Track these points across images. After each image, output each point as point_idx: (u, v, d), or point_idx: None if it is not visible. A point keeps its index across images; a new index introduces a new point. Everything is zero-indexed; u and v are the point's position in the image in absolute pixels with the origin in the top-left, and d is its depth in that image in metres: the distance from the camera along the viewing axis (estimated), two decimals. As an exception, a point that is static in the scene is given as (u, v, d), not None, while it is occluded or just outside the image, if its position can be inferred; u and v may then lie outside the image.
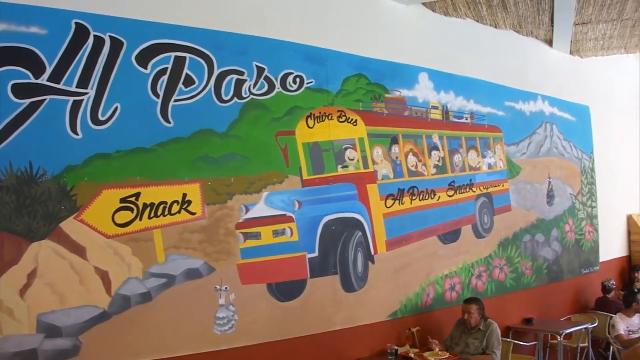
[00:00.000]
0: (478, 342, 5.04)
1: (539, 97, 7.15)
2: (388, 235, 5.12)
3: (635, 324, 6.16)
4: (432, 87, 5.69)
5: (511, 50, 6.93)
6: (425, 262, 5.46)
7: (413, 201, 5.36)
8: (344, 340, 4.73)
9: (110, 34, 3.57)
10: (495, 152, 6.37)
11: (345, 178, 4.86)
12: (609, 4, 6.20)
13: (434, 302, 5.54)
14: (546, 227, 7.08)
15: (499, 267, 6.30)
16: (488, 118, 6.33)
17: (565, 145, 7.53)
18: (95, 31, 3.51)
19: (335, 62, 4.84)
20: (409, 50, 5.57)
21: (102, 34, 3.54)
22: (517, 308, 6.54)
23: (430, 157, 5.60)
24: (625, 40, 7.50)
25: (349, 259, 4.79)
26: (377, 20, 5.35)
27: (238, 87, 4.17)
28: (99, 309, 3.44)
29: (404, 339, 5.14)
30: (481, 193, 6.13)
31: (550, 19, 6.69)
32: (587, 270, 7.86)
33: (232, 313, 4.04)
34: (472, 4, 6.00)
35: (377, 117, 5.17)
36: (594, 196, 8.08)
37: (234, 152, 4.13)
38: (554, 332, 6.21)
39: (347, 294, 4.77)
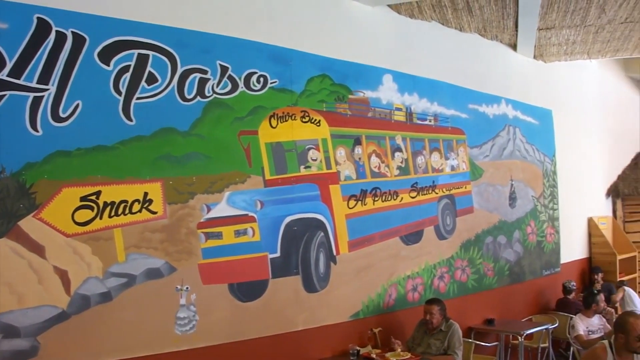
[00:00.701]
0: (440, 342, 5.22)
1: (502, 101, 7.44)
2: (350, 236, 5.26)
3: (595, 324, 6.41)
4: (396, 88, 5.86)
5: (476, 53, 7.19)
6: (387, 263, 5.62)
7: (376, 202, 5.52)
8: (306, 340, 4.84)
9: (72, 29, 3.60)
10: (458, 154, 6.60)
11: (307, 178, 4.97)
12: (572, 10, 6.48)
13: (396, 302, 5.71)
14: (508, 229, 7.36)
15: (461, 269, 6.54)
16: (451, 120, 6.54)
17: (528, 148, 7.85)
18: (58, 27, 3.54)
19: (299, 63, 4.96)
20: (373, 52, 5.73)
21: (64, 30, 3.57)
22: (479, 309, 6.79)
23: (394, 159, 5.76)
24: (588, 46, 7.84)
25: (311, 259, 4.91)
26: (342, 21, 5.49)
27: (201, 86, 4.25)
28: (57, 309, 3.46)
29: (366, 339, 5.28)
30: (444, 195, 6.35)
31: (514, 24, 6.94)
32: (549, 271, 8.22)
33: (193, 313, 4.10)
34: (437, 6, 6.19)
35: (341, 118, 5.30)
36: (555, 199, 8.44)
37: (196, 151, 4.19)
38: (515, 333, 6.48)
39: (309, 294, 4.89)
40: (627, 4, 6.29)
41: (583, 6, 6.37)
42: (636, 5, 6.31)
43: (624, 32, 7.28)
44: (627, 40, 7.61)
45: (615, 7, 6.39)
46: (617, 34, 7.35)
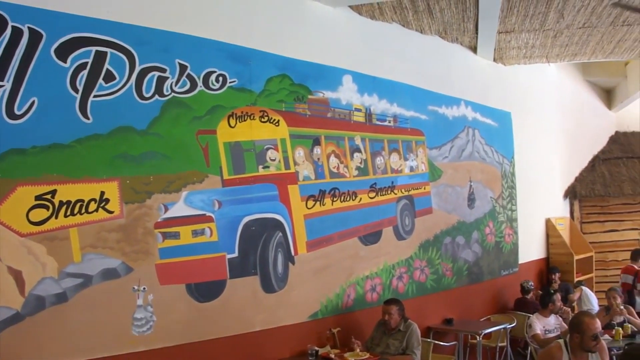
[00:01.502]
0: (398, 342, 5.41)
1: (462, 102, 7.71)
2: (309, 236, 5.40)
3: (552, 323, 6.63)
4: (356, 89, 6.03)
5: (436, 55, 7.43)
6: (346, 264, 5.79)
7: (334, 202, 5.67)
8: (265, 341, 4.95)
9: (29, 25, 3.61)
10: (417, 155, 6.83)
11: (266, 178, 5.08)
12: (531, 14, 6.74)
13: (355, 303, 5.88)
14: (467, 229, 7.65)
15: (419, 269, 6.77)
16: (411, 121, 6.77)
17: (486, 149, 8.16)
18: (14, 22, 3.54)
19: (259, 62, 5.05)
20: (334, 53, 5.88)
21: (20, 25, 3.58)
22: (438, 309, 7.05)
23: (352, 159, 5.93)
24: (546, 50, 8.17)
25: (269, 259, 5.02)
26: (303, 21, 5.62)
27: (160, 85, 4.30)
28: (11, 310, 3.47)
29: (324, 339, 5.43)
30: (403, 195, 6.56)
31: (475, 27, 7.19)
32: (507, 271, 8.56)
33: (151, 314, 4.15)
34: (398, 8, 6.38)
35: (300, 118, 5.44)
36: (514, 200, 8.80)
37: (153, 151, 4.24)
38: (474, 332, 6.76)
39: (267, 294, 5.00)
40: (585, 10, 6.58)
41: (542, 11, 6.63)
42: (594, 10, 6.60)
43: (581, 37, 7.60)
44: (584, 45, 7.95)
45: (574, 12, 6.67)
46: (575, 39, 7.67)
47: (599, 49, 8.18)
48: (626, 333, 6.21)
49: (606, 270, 10.98)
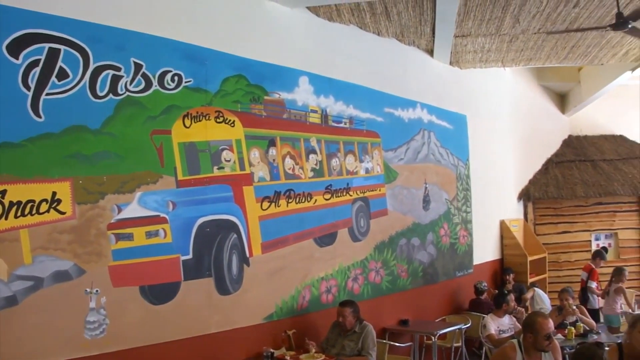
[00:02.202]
0: (354, 344, 5.56)
1: (418, 105, 7.94)
2: (264, 238, 5.49)
3: (506, 324, 6.89)
4: (312, 91, 6.16)
5: (393, 58, 7.64)
6: (301, 265, 5.90)
7: (289, 204, 5.78)
8: (220, 343, 5.01)
9: None
10: (373, 157, 7.00)
11: (221, 179, 5.14)
12: (487, 19, 6.96)
13: (310, 304, 6.00)
14: (422, 231, 7.88)
15: (375, 270, 6.95)
16: (367, 123, 6.94)
17: (442, 152, 8.42)
18: None
19: (215, 62, 5.11)
20: (290, 54, 5.99)
21: None
22: (393, 310, 7.24)
23: (308, 161, 6.05)
24: (502, 54, 8.48)
25: (223, 261, 5.08)
26: (260, 21, 5.70)
27: (114, 83, 4.31)
28: None
29: (280, 341, 5.53)
30: (358, 197, 6.72)
31: (431, 30, 7.39)
32: (462, 272, 8.86)
33: (103, 317, 4.15)
34: (356, 10, 6.53)
35: (256, 119, 5.52)
36: (468, 202, 9.10)
37: (107, 150, 4.25)
38: (429, 333, 6.95)
39: (222, 296, 5.06)
40: (540, 15, 6.86)
41: (498, 15, 6.86)
42: (549, 16, 6.89)
43: (536, 42, 7.92)
44: (539, 50, 8.31)
45: (529, 18, 6.94)
46: (530, 44, 7.99)
47: (553, 54, 8.56)
48: (578, 332, 6.48)
49: (559, 270, 11.50)
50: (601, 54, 8.67)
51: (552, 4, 6.53)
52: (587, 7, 6.60)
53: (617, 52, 8.62)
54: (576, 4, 6.49)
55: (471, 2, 6.48)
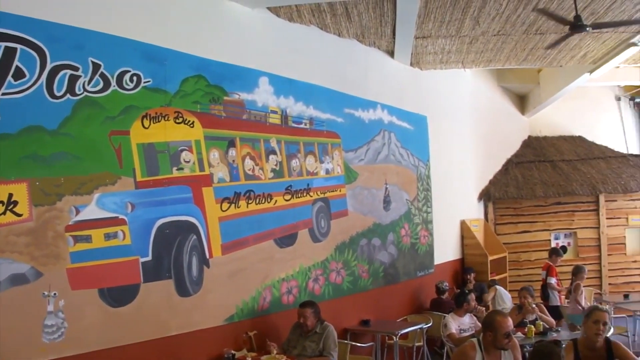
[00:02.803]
0: (315, 344, 5.67)
1: (378, 106, 8.12)
2: (224, 239, 5.54)
3: (466, 323, 7.02)
4: (272, 91, 6.25)
5: (353, 59, 7.80)
6: (261, 266, 5.98)
7: (249, 205, 5.86)
8: (181, 345, 5.04)
9: None
10: (333, 157, 7.15)
11: (180, 180, 5.17)
12: (448, 20, 7.17)
13: (271, 305, 6.09)
14: (382, 231, 8.06)
15: (336, 271, 7.09)
16: (327, 124, 7.07)
17: (402, 152, 8.62)
18: None
19: (174, 62, 5.14)
20: (251, 54, 6.06)
21: None
22: (355, 310, 7.39)
23: (268, 162, 6.15)
24: (462, 56, 8.74)
25: (183, 263, 5.12)
26: (220, 21, 5.76)
27: (72, 83, 4.30)
28: None
29: (241, 343, 5.60)
30: (318, 198, 6.85)
31: (392, 31, 7.56)
32: (423, 272, 9.09)
33: (62, 320, 4.14)
34: (316, 11, 6.64)
35: (215, 119, 5.58)
36: (429, 202, 9.35)
37: (64, 151, 4.25)
38: (390, 333, 7.14)
39: (182, 298, 5.10)
40: (499, 18, 7.08)
41: (458, 17, 7.07)
42: (508, 19, 7.12)
43: (496, 44, 8.18)
44: (499, 52, 8.58)
45: (489, 20, 7.17)
46: (490, 45, 8.24)
47: (512, 56, 8.84)
48: (538, 330, 6.66)
49: (519, 269, 11.86)
50: (560, 56, 8.99)
51: (511, 7, 6.75)
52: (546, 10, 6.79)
53: (575, 54, 8.95)
54: (535, 7, 6.70)
55: (431, 4, 6.64)
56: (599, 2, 6.62)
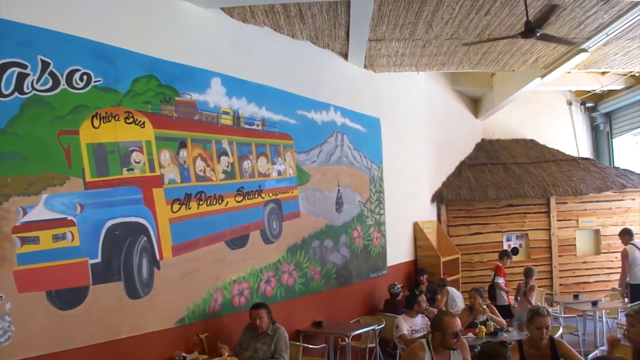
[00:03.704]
0: (266, 346, 5.78)
1: (331, 108, 8.28)
2: (174, 241, 5.60)
3: (418, 323, 7.21)
4: (225, 92, 6.32)
5: (307, 61, 7.94)
6: (212, 268, 6.05)
7: (200, 206, 5.93)
8: (131, 348, 5.07)
9: None
10: (285, 159, 7.26)
11: (130, 181, 5.21)
12: (401, 24, 7.35)
13: (222, 307, 6.16)
14: (335, 233, 8.23)
15: (287, 272, 7.21)
16: (279, 126, 7.18)
17: (355, 154, 8.81)
18: None
19: (125, 62, 5.18)
20: (203, 54, 6.13)
21: None
22: (307, 312, 7.52)
23: (219, 163, 6.22)
24: (416, 59, 8.96)
25: (133, 264, 5.15)
26: (172, 21, 5.82)
27: (20, 81, 4.30)
28: None
29: (192, 345, 5.66)
30: (270, 199, 6.95)
31: (346, 34, 7.71)
32: (376, 274, 9.30)
33: (8, 324, 4.12)
34: (270, 12, 6.75)
35: (166, 120, 5.63)
36: (382, 204, 9.56)
37: (12, 151, 4.25)
38: (342, 334, 7.28)
39: (132, 300, 5.13)
40: (452, 22, 7.32)
41: (412, 21, 7.25)
42: (461, 23, 7.36)
43: (449, 48, 8.42)
44: (452, 55, 8.83)
45: (442, 24, 7.38)
46: (443, 49, 8.47)
47: (465, 60, 9.12)
48: (489, 331, 6.87)
49: (472, 271, 12.23)
50: (512, 61, 9.29)
51: (464, 11, 6.98)
52: (498, 15, 7.09)
53: (527, 59, 9.28)
54: (487, 12, 6.97)
55: (385, 7, 6.80)
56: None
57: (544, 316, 4.81)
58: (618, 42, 8.48)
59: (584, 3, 6.81)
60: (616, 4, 6.86)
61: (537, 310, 4.92)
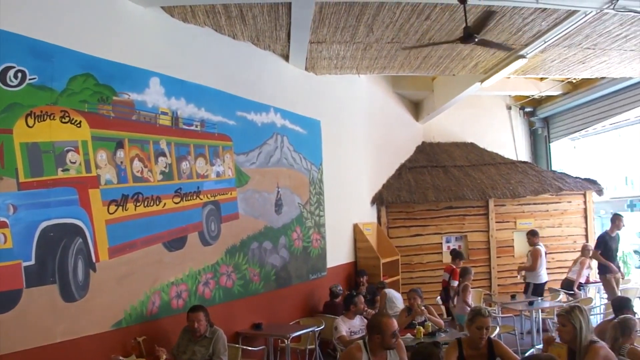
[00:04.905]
0: (205, 349, 5.86)
1: (271, 109, 8.41)
2: (111, 242, 5.59)
3: (357, 325, 7.36)
4: (164, 92, 6.37)
5: (248, 62, 8.04)
6: (150, 270, 6.07)
7: (138, 208, 5.94)
8: (66, 353, 5.04)
9: None
10: (224, 160, 7.34)
11: (65, 182, 5.17)
12: (342, 26, 7.49)
13: (160, 310, 6.20)
14: (274, 234, 8.35)
15: (226, 274, 7.28)
16: (219, 127, 7.25)
17: (295, 156, 8.96)
18: None
19: (62, 59, 5.15)
20: (142, 54, 6.15)
21: None
22: (246, 314, 7.62)
23: (157, 164, 6.24)
24: (357, 62, 9.15)
25: (68, 267, 5.12)
26: (111, 19, 5.81)
27: None
28: None
29: (129, 349, 5.67)
30: (209, 201, 7.01)
31: (287, 35, 7.83)
32: (315, 275, 9.46)
33: None
34: (211, 13, 6.81)
35: (103, 119, 5.62)
36: (322, 206, 9.75)
37: None
38: (281, 336, 7.41)
39: (68, 304, 5.10)
40: (393, 26, 7.50)
41: (353, 24, 7.41)
42: (402, 27, 7.54)
43: (390, 51, 8.63)
44: (393, 59, 9.06)
45: (383, 28, 7.57)
46: (384, 53, 8.68)
47: (406, 63, 9.37)
48: (427, 331, 7.06)
49: (412, 272, 12.59)
50: (452, 65, 9.60)
51: (404, 16, 7.16)
52: (438, 20, 7.31)
53: (467, 64, 9.61)
54: (427, 17, 7.19)
55: (326, 9, 6.93)
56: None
57: (486, 317, 5.05)
58: (555, 50, 8.87)
59: (522, 10, 7.10)
60: (553, 12, 7.19)
61: (479, 310, 5.15)
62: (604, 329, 5.60)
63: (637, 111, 14.02)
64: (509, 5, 6.88)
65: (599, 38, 8.30)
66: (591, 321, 4.91)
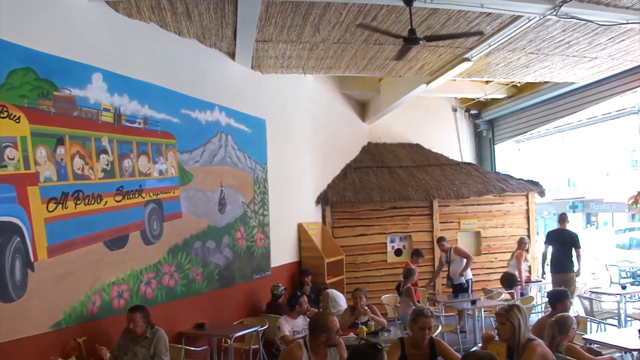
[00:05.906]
0: (146, 350, 5.87)
1: (216, 108, 8.45)
2: (50, 241, 5.53)
3: (300, 325, 7.47)
4: (106, 88, 6.34)
5: (193, 59, 8.06)
6: (90, 269, 6.04)
7: (78, 205, 5.90)
8: (3, 355, 4.95)
9: None
10: (167, 158, 7.35)
11: (3, 179, 5.10)
12: (288, 26, 7.58)
13: (101, 310, 6.18)
14: (217, 234, 8.40)
15: (169, 274, 7.31)
16: (162, 124, 7.27)
17: (239, 155, 9.03)
18: None
19: (1, 52, 5.06)
20: (85, 48, 6.11)
21: None
22: (189, 314, 7.65)
23: (99, 161, 6.22)
24: (303, 62, 9.26)
25: (5, 266, 5.04)
26: (53, 11, 5.75)
27: None
28: None
29: (69, 350, 5.63)
30: (151, 199, 7.01)
31: (233, 34, 7.87)
32: (259, 275, 9.56)
33: None
34: (157, 8, 6.81)
35: (44, 115, 5.56)
36: (266, 205, 9.83)
37: None
38: (224, 336, 7.47)
39: (4, 304, 5.01)
40: (339, 26, 7.62)
41: (299, 23, 7.50)
42: (348, 28, 7.67)
43: (336, 52, 8.76)
44: (339, 59, 9.20)
45: (329, 28, 7.68)
46: (330, 53, 8.81)
47: (352, 64, 9.52)
48: (370, 330, 7.15)
49: (356, 272, 12.79)
50: (398, 67, 9.79)
51: (351, 17, 7.28)
52: (384, 22, 7.45)
53: (413, 66, 9.82)
54: (374, 18, 7.33)
55: (272, 8, 6.99)
56: (435, 18, 7.39)
57: (428, 317, 5.21)
58: (500, 53, 9.17)
59: (468, 14, 7.31)
60: (498, 17, 7.44)
61: (421, 311, 5.31)
62: (543, 323, 5.88)
63: (579, 115, 14.58)
64: (454, 9, 7.08)
65: (542, 43, 8.64)
66: (529, 320, 5.13)
